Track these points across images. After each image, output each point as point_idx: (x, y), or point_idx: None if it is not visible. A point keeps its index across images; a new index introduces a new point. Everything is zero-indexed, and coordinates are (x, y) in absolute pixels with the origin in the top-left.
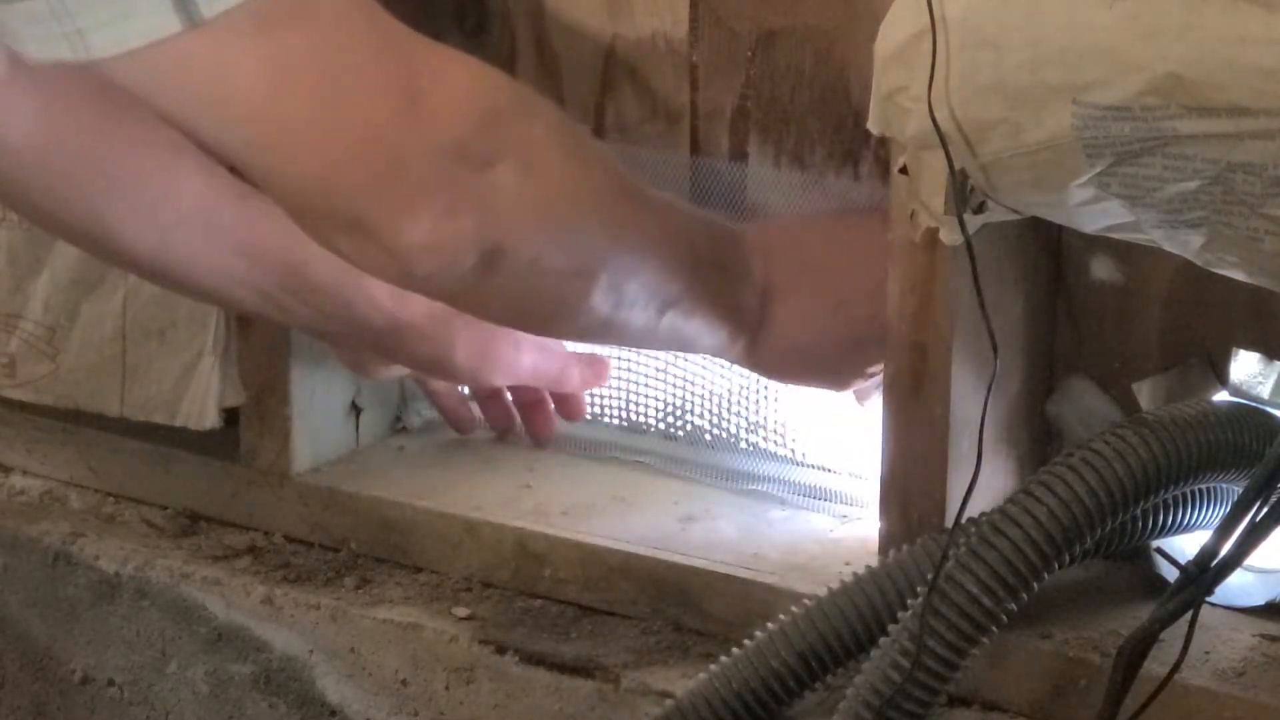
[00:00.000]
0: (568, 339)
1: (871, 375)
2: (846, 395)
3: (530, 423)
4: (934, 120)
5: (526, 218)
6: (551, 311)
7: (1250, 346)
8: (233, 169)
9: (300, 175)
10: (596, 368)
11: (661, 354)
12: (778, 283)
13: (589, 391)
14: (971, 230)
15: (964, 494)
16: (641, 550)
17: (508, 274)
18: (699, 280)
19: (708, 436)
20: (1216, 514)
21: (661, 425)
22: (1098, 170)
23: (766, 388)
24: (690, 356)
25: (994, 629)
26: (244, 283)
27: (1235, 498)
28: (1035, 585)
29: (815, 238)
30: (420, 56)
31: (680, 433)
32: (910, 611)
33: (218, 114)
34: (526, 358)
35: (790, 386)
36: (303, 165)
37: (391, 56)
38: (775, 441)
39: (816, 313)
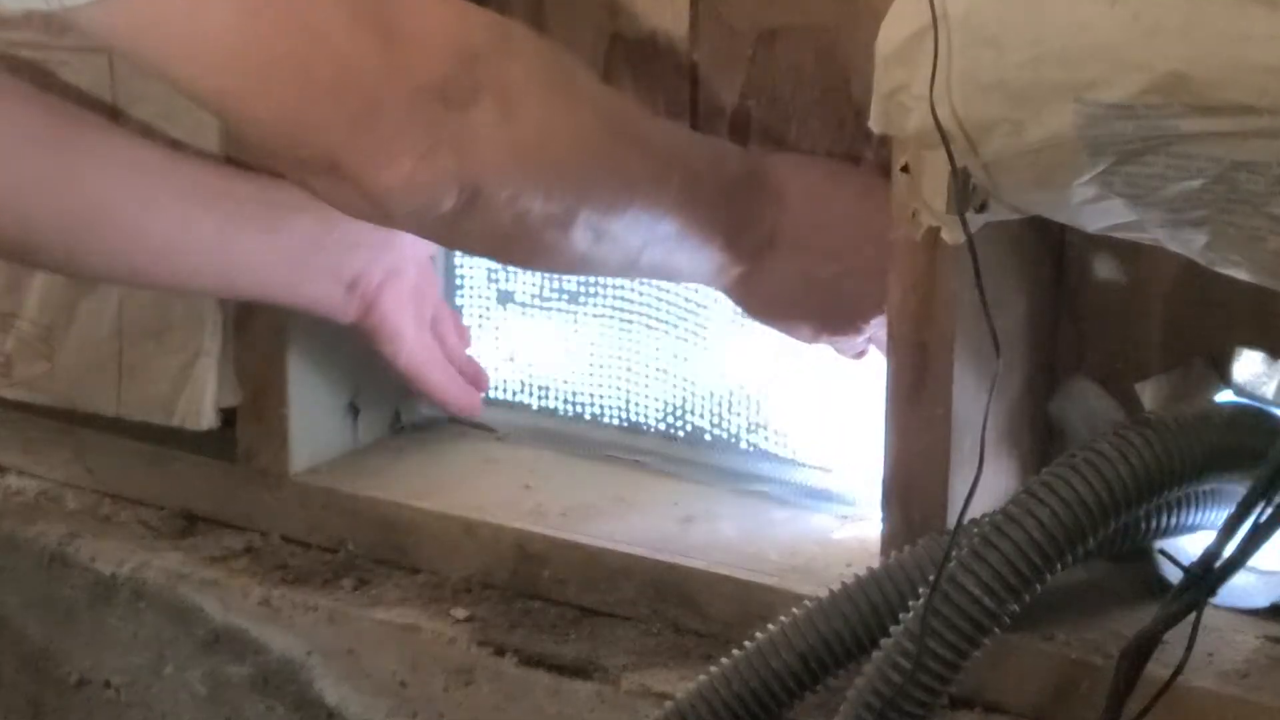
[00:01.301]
0: (547, 272)
1: (859, 332)
2: (834, 371)
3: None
4: (936, 119)
5: (506, 159)
6: (530, 248)
7: (1253, 346)
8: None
9: (274, 120)
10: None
11: (661, 354)
12: (786, 228)
13: (595, 390)
14: (973, 229)
15: (966, 494)
16: (641, 551)
17: (486, 214)
18: (695, 215)
19: (708, 436)
20: (1220, 515)
21: (661, 425)
22: (1100, 169)
23: (766, 388)
24: (690, 356)
25: (996, 630)
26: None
27: (1239, 499)
28: (1038, 586)
29: (832, 191)
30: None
31: (680, 433)
32: (912, 612)
33: (191, 61)
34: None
35: (767, 328)
36: (276, 109)
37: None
38: (775, 441)
39: (815, 265)
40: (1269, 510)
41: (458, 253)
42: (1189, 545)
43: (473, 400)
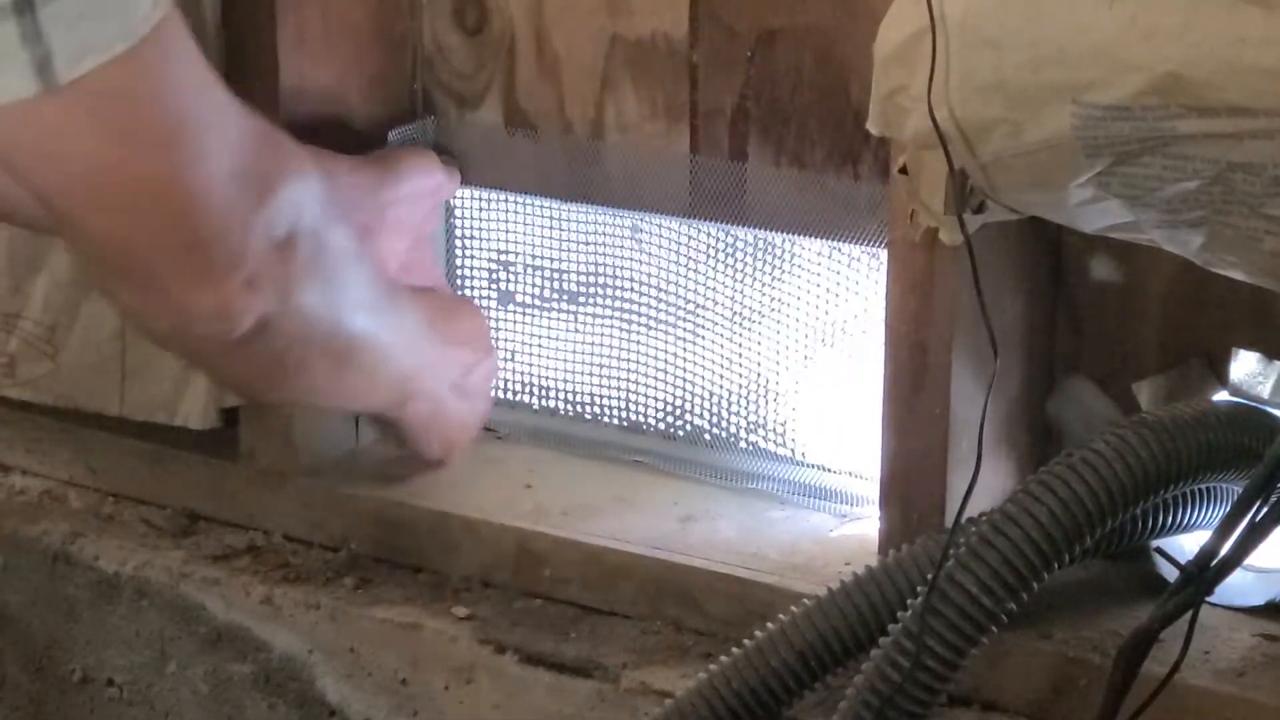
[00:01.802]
0: (280, 398)
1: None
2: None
3: None
4: (934, 120)
5: (308, 292)
6: (282, 375)
7: (1250, 346)
8: None
9: (111, 232)
10: None
11: (662, 353)
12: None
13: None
14: (971, 230)
15: (964, 493)
16: (641, 550)
17: (265, 342)
18: (398, 341)
19: (708, 436)
20: (1216, 514)
21: (661, 425)
22: (1097, 170)
23: (766, 387)
24: (690, 356)
25: (994, 629)
26: None
27: (1235, 497)
28: (1035, 585)
29: (442, 319)
30: (249, 134)
31: (680, 433)
32: (910, 611)
33: (55, 169)
34: None
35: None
36: (119, 225)
37: (225, 133)
38: (775, 441)
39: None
40: (1265, 509)
41: (458, 251)
42: (1186, 544)
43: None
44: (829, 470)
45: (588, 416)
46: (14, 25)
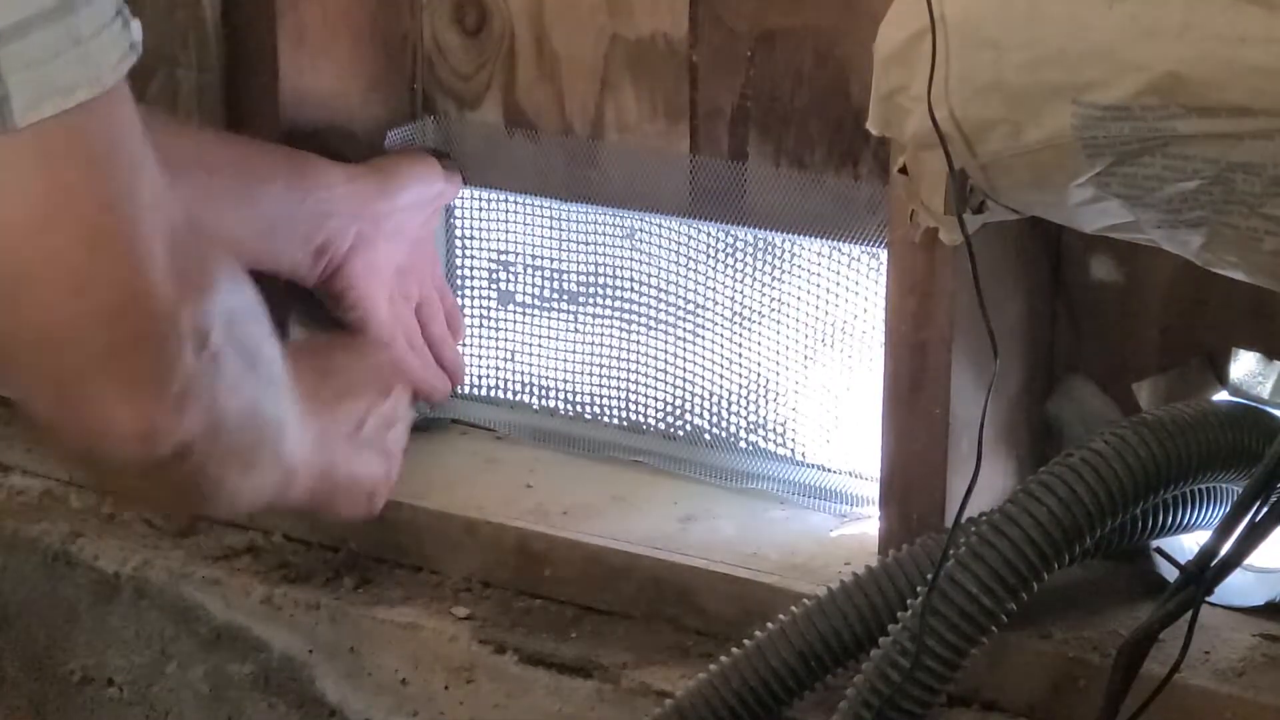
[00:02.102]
0: (183, 514)
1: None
2: None
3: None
4: (934, 120)
5: (230, 416)
6: (196, 494)
7: (1250, 346)
8: None
9: (41, 320)
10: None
11: (662, 353)
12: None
13: (590, 389)
14: (971, 230)
15: (964, 494)
16: (641, 550)
17: (187, 466)
18: (303, 448)
19: (708, 436)
20: (1216, 514)
21: (661, 425)
22: (1097, 170)
23: (766, 387)
24: (690, 356)
25: (994, 629)
26: None
27: (1235, 497)
28: (1035, 585)
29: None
30: (184, 221)
31: (680, 433)
32: (910, 611)
33: None
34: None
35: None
36: (47, 310)
37: (163, 214)
38: (775, 441)
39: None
40: (1265, 509)
41: (458, 251)
42: (1186, 544)
43: (437, 384)
44: (829, 470)
45: (588, 416)
46: None
